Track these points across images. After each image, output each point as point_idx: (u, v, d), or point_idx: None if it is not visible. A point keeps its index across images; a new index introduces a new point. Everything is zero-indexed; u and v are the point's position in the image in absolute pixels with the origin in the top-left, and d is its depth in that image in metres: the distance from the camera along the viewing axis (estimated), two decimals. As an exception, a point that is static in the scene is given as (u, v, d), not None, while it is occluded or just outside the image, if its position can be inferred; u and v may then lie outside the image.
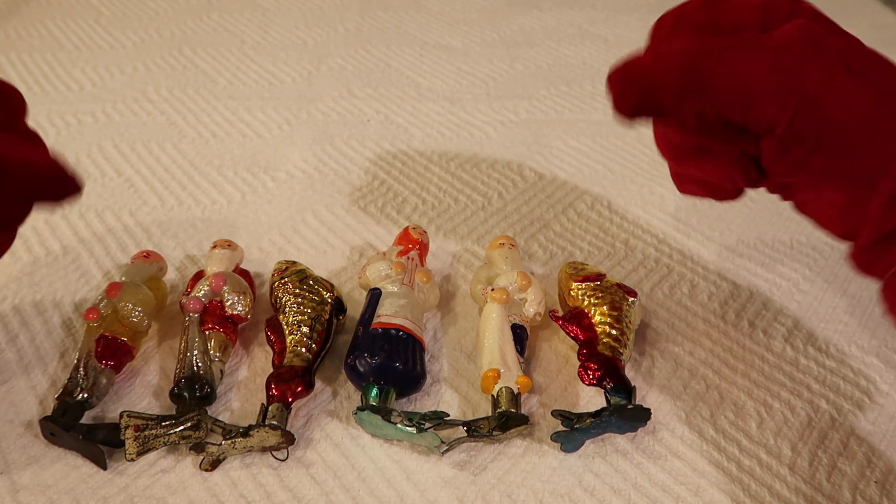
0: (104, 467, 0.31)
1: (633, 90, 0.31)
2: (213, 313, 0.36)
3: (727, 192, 0.36)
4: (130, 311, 0.35)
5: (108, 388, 0.33)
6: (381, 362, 0.33)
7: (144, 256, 0.39)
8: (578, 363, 0.34)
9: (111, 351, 0.34)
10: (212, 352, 0.34)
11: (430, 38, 0.72)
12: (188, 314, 0.35)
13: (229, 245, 0.40)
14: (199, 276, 0.38)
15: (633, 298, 0.37)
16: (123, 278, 0.37)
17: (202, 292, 0.36)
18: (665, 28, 0.32)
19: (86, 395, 0.32)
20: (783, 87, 0.29)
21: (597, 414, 0.31)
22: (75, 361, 0.33)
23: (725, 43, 0.30)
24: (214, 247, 0.40)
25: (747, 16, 0.30)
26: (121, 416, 0.30)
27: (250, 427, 0.31)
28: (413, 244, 0.40)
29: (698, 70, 0.29)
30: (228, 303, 0.36)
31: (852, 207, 0.31)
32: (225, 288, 0.36)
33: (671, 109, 0.31)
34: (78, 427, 0.31)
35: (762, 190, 0.35)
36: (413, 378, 0.34)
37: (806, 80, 0.29)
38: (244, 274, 0.39)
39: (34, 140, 0.32)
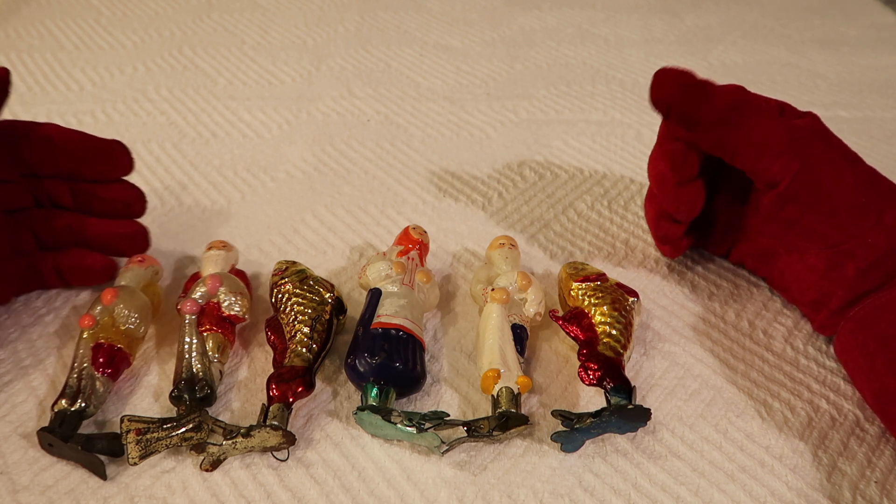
0: (104, 478, 0.31)
1: (687, 91, 0.36)
2: (210, 314, 0.36)
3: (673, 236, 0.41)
4: (127, 318, 0.35)
5: (105, 395, 0.33)
6: (381, 362, 0.33)
7: (139, 261, 0.39)
8: (578, 363, 0.34)
9: (108, 358, 0.34)
10: (210, 353, 0.34)
11: (430, 38, 0.72)
12: (185, 316, 0.35)
13: (224, 246, 0.40)
14: (196, 277, 0.38)
15: (633, 298, 0.37)
16: (122, 282, 0.37)
17: (198, 294, 0.36)
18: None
19: (83, 404, 0.32)
20: (792, 150, 0.35)
21: (597, 414, 0.31)
22: (71, 369, 0.33)
23: (761, 105, 0.36)
24: (210, 248, 0.40)
25: (769, 104, 0.37)
26: (121, 420, 0.30)
27: (251, 427, 0.31)
28: (413, 244, 0.40)
29: (739, 108, 0.36)
30: (225, 304, 0.36)
31: (830, 271, 0.36)
32: (221, 289, 0.36)
33: (703, 127, 0.36)
34: (76, 437, 0.31)
35: None
36: (413, 378, 0.34)
37: (811, 152, 0.35)
38: (240, 274, 0.39)
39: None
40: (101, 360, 0.33)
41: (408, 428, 0.31)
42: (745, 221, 0.40)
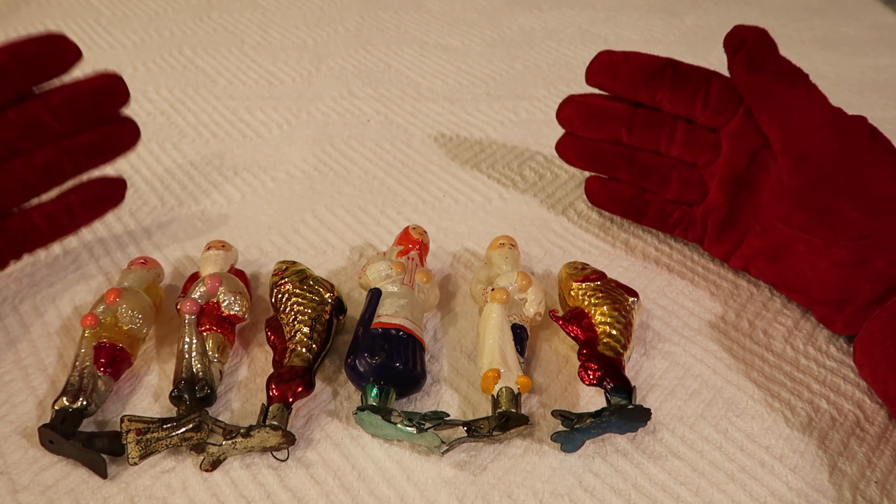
0: (104, 476, 0.31)
1: (765, 36, 0.38)
2: (210, 314, 0.36)
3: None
4: (131, 318, 0.35)
5: (106, 395, 0.33)
6: (381, 362, 0.33)
7: (142, 263, 0.39)
8: (578, 363, 0.34)
9: (110, 358, 0.34)
10: (210, 353, 0.34)
11: (430, 38, 0.72)
12: (185, 316, 0.35)
13: (223, 246, 0.40)
14: (195, 277, 0.38)
15: (633, 298, 0.37)
16: (125, 284, 0.37)
17: (198, 294, 0.36)
18: None
19: (84, 403, 0.32)
20: (835, 129, 0.35)
21: (597, 414, 0.31)
22: (73, 368, 0.33)
23: (819, 90, 0.37)
24: (209, 248, 0.40)
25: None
26: (121, 420, 0.30)
27: (251, 427, 0.31)
28: (413, 244, 0.40)
29: (801, 75, 0.37)
30: (225, 304, 0.36)
31: (858, 265, 0.35)
32: (221, 289, 0.36)
33: (764, 72, 0.37)
34: (77, 435, 0.31)
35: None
36: (413, 378, 0.34)
37: (853, 136, 0.35)
38: (240, 274, 0.39)
39: None
40: (102, 359, 0.33)
41: (408, 428, 0.31)
42: (752, 215, 0.40)
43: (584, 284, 0.37)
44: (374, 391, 0.33)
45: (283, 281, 0.37)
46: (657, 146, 0.42)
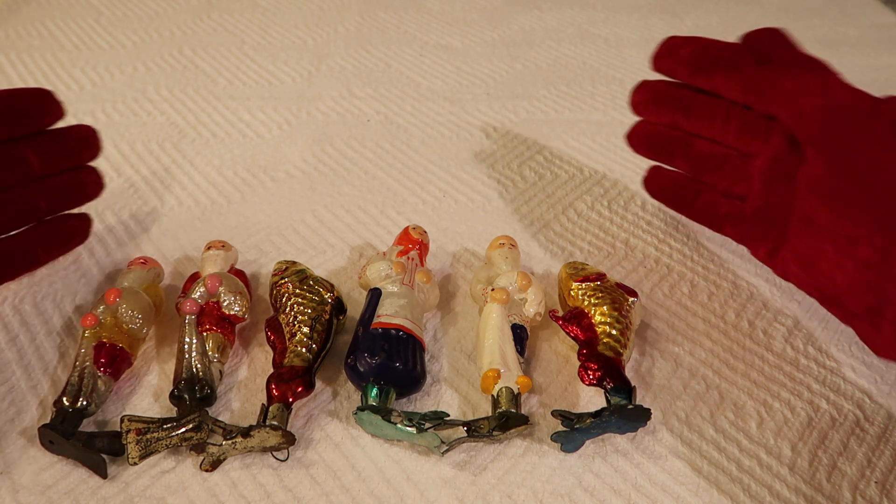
0: (104, 476, 0.31)
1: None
2: (210, 314, 0.36)
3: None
4: (131, 318, 0.35)
5: (106, 395, 0.33)
6: (381, 362, 0.33)
7: (142, 263, 0.39)
8: (578, 363, 0.34)
9: (110, 358, 0.34)
10: (210, 353, 0.34)
11: (430, 38, 0.72)
12: (185, 316, 0.35)
13: (223, 246, 0.40)
14: (195, 277, 0.38)
15: (633, 298, 0.37)
16: (125, 284, 0.37)
17: (198, 294, 0.36)
18: None
19: (84, 402, 0.32)
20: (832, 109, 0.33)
21: (597, 414, 0.31)
22: (73, 368, 0.33)
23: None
24: (209, 248, 0.40)
25: None
26: (121, 420, 0.30)
27: (251, 427, 0.31)
28: (413, 244, 0.40)
29: (823, 65, 0.38)
30: (225, 303, 0.36)
31: (887, 266, 0.31)
32: (221, 289, 0.36)
33: (788, 55, 0.37)
34: (77, 435, 0.31)
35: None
36: (413, 378, 0.34)
37: (880, 129, 0.32)
38: (240, 274, 0.39)
39: None
40: (102, 359, 0.33)
41: (408, 428, 0.31)
42: (792, 211, 0.36)
43: (584, 284, 0.37)
44: (374, 391, 0.33)
45: (283, 281, 0.37)
46: (713, 133, 0.40)
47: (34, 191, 0.39)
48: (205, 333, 0.35)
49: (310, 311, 0.35)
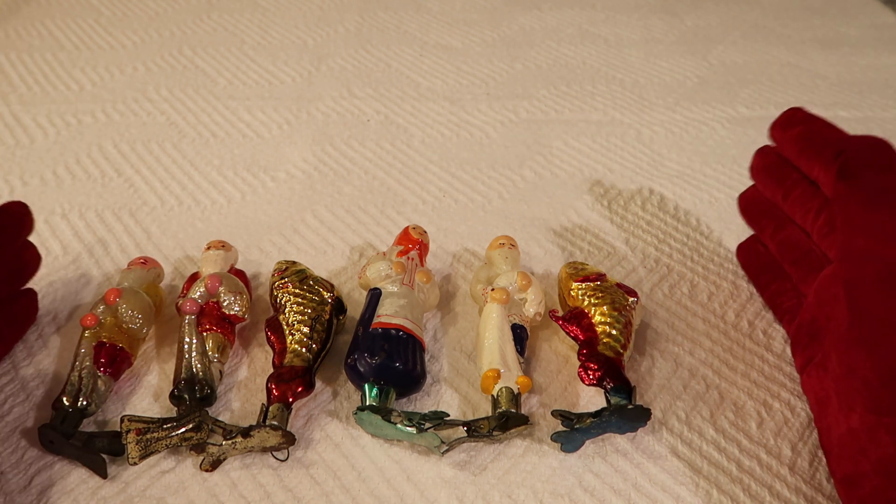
0: (104, 476, 0.31)
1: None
2: (210, 314, 0.36)
3: None
4: (131, 318, 0.35)
5: (106, 395, 0.33)
6: (381, 362, 0.33)
7: (142, 263, 0.39)
8: (578, 363, 0.34)
9: (110, 358, 0.34)
10: (210, 353, 0.34)
11: (430, 38, 0.72)
12: (185, 316, 0.35)
13: (223, 246, 0.40)
14: (195, 277, 0.38)
15: (633, 298, 0.37)
16: (125, 284, 0.37)
17: (198, 294, 0.36)
18: None
19: (84, 402, 0.32)
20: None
21: (597, 414, 0.31)
22: (73, 368, 0.33)
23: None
24: (208, 248, 0.39)
25: None
26: (121, 420, 0.30)
27: (251, 427, 0.31)
28: (413, 244, 0.40)
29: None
30: (225, 303, 0.36)
31: (871, 444, 0.29)
32: (221, 289, 0.36)
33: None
34: (77, 435, 0.31)
35: None
36: (413, 378, 0.34)
37: None
38: (239, 274, 0.39)
39: None
40: (102, 359, 0.33)
41: (408, 428, 0.31)
42: (825, 337, 0.33)
43: (584, 284, 0.37)
44: (374, 391, 0.33)
45: (283, 281, 0.37)
46: (805, 223, 0.37)
47: None
48: (205, 333, 0.35)
49: (310, 311, 0.35)
